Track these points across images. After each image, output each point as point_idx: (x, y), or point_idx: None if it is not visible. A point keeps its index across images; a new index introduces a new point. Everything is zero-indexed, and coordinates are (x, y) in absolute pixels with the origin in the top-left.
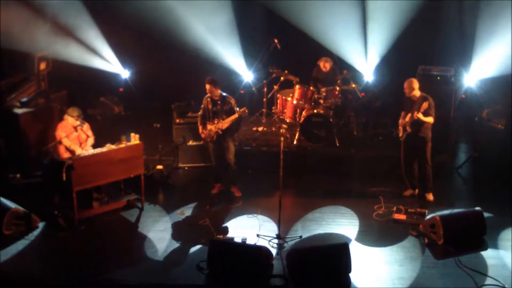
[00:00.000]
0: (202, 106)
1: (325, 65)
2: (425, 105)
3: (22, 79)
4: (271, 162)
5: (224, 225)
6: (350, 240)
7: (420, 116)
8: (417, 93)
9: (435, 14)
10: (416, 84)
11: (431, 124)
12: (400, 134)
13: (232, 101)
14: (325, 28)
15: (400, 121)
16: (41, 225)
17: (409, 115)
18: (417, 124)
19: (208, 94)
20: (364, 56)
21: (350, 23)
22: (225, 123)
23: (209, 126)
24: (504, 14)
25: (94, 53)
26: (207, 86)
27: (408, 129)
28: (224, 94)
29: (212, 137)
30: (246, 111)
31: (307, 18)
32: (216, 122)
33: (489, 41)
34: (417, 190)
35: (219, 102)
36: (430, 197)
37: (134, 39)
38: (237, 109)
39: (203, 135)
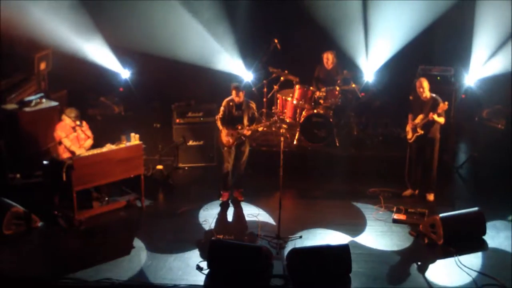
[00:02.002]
0: (223, 109)
1: (328, 56)
2: (443, 106)
3: (22, 79)
4: (271, 162)
5: (224, 225)
6: (350, 240)
7: (435, 117)
8: (427, 94)
9: (435, 14)
10: (427, 84)
11: (440, 125)
12: (409, 136)
13: (254, 105)
14: (326, 28)
15: (409, 123)
16: (41, 225)
17: (420, 116)
18: (429, 125)
19: (231, 98)
20: (364, 56)
21: (351, 23)
22: (251, 130)
23: (229, 131)
24: (504, 14)
25: (94, 53)
26: (234, 92)
27: (420, 130)
28: (247, 99)
29: (234, 143)
30: (277, 122)
31: (307, 18)
32: (240, 128)
33: (489, 40)
34: (417, 191)
35: (243, 108)
36: (431, 197)
37: (134, 39)
38: (257, 115)
39: (230, 140)
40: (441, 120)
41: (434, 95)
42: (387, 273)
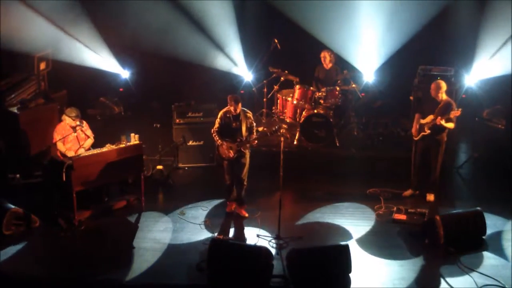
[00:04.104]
0: (219, 121)
1: (325, 55)
2: (455, 112)
3: (22, 79)
4: (271, 162)
5: (224, 225)
6: (350, 240)
7: (443, 122)
8: (443, 96)
9: (435, 14)
10: (443, 88)
11: (449, 129)
12: (415, 134)
13: (251, 115)
14: (326, 28)
15: (415, 123)
16: (41, 225)
17: (431, 116)
18: (437, 128)
19: (228, 109)
20: (364, 56)
21: (351, 23)
22: (252, 141)
23: (228, 144)
24: (504, 14)
25: (94, 53)
26: (233, 103)
27: (427, 130)
28: (244, 108)
29: (234, 156)
30: (279, 130)
31: (307, 18)
32: (239, 140)
33: (489, 41)
34: (417, 192)
35: (241, 118)
36: (431, 198)
37: (134, 39)
38: (254, 124)
39: (231, 153)
40: (449, 125)
41: (449, 99)
42: (387, 273)
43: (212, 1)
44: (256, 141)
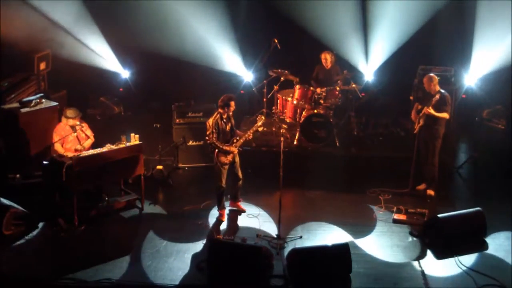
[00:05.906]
0: (215, 129)
1: (325, 56)
2: (434, 99)
3: (22, 79)
4: (271, 162)
5: (224, 225)
6: (350, 240)
7: (431, 111)
8: (436, 88)
9: (435, 14)
10: (434, 80)
11: (445, 121)
12: (415, 127)
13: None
14: (326, 28)
15: (413, 112)
16: (41, 225)
17: (425, 108)
18: (430, 119)
19: (220, 115)
20: (365, 56)
21: (351, 23)
22: (248, 136)
23: (227, 148)
24: (504, 14)
25: (94, 52)
26: (226, 106)
27: (421, 121)
28: None
29: (233, 159)
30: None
31: (307, 18)
32: (235, 141)
33: (489, 40)
34: (424, 185)
35: (230, 119)
36: (432, 192)
37: (134, 39)
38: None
39: (230, 157)
40: (441, 115)
41: (442, 90)
42: (387, 273)
43: (212, 0)
44: (251, 136)
